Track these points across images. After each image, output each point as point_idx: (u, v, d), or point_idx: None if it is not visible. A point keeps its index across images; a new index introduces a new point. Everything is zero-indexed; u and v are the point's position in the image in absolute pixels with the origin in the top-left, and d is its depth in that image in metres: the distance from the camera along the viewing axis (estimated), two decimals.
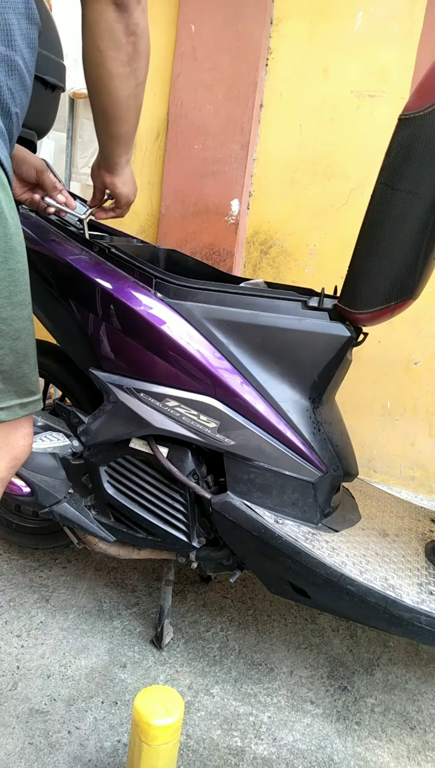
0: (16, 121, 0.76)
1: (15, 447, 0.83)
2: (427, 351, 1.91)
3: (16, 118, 0.75)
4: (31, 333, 0.80)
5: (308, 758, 1.11)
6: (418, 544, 1.22)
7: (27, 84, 0.76)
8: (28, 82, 0.76)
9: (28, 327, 0.78)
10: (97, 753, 1.07)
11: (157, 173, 2.13)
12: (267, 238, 2.03)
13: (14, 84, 0.73)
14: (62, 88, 1.24)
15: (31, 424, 0.86)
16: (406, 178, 0.94)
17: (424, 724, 1.22)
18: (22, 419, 0.83)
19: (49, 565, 1.58)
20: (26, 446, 0.85)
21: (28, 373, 0.80)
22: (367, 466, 2.07)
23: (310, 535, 1.13)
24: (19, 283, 0.75)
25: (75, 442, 1.25)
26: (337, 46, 1.82)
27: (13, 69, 0.72)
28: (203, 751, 1.10)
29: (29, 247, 1.19)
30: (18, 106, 0.75)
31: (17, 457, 0.85)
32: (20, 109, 0.76)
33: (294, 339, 1.10)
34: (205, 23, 1.90)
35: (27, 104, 0.79)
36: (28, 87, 0.77)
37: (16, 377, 0.78)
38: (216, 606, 1.50)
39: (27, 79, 0.75)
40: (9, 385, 0.78)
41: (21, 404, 0.80)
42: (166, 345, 1.10)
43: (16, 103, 0.74)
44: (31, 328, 0.79)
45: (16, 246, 0.73)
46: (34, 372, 0.82)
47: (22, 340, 0.77)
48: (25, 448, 0.85)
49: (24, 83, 0.75)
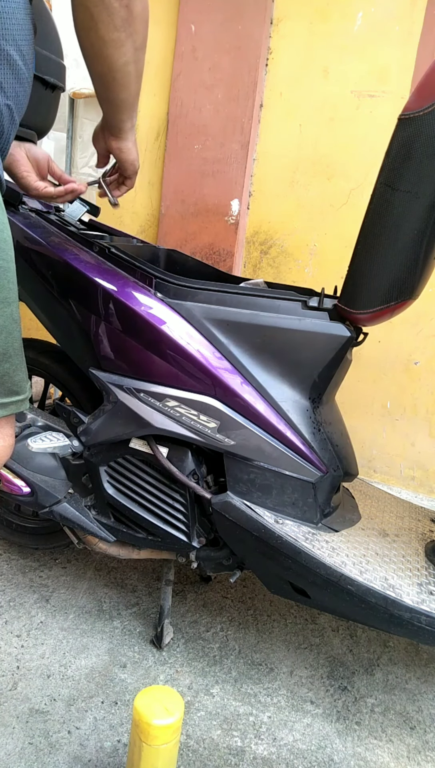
0: (8, 113, 0.73)
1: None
2: (427, 351, 1.91)
3: (7, 110, 0.73)
4: (13, 332, 0.77)
5: (308, 758, 1.11)
6: (418, 544, 1.22)
7: (23, 76, 0.73)
8: (25, 74, 0.74)
9: (10, 326, 0.76)
10: (97, 753, 1.07)
11: (157, 173, 2.13)
12: (267, 238, 2.03)
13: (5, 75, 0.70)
14: (62, 88, 1.24)
15: (12, 425, 0.84)
16: (405, 178, 0.94)
17: (424, 724, 1.22)
18: (2, 419, 0.80)
19: (49, 565, 1.58)
20: (6, 447, 0.83)
21: (10, 372, 0.77)
22: (367, 466, 2.07)
23: (310, 535, 1.13)
24: (2, 281, 0.73)
25: (75, 442, 1.24)
26: (337, 46, 1.82)
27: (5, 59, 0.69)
28: (203, 751, 1.10)
29: (29, 247, 1.19)
30: (11, 99, 0.72)
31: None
32: (14, 102, 0.74)
33: (294, 339, 1.10)
34: (205, 23, 1.90)
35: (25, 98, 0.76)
36: (24, 80, 0.74)
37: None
38: (216, 606, 1.50)
39: (23, 72, 0.73)
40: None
41: (1, 404, 0.78)
42: (166, 345, 1.10)
43: (8, 95, 0.72)
44: (13, 327, 0.77)
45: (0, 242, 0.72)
46: (19, 371, 0.79)
47: (3, 338, 0.75)
48: (5, 449, 0.82)
49: (18, 75, 0.72)
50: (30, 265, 1.20)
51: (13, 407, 0.80)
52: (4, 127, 0.74)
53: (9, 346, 0.76)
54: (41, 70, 1.14)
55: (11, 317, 0.76)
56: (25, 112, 0.80)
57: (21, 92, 0.75)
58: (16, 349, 0.78)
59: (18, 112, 0.76)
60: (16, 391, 0.80)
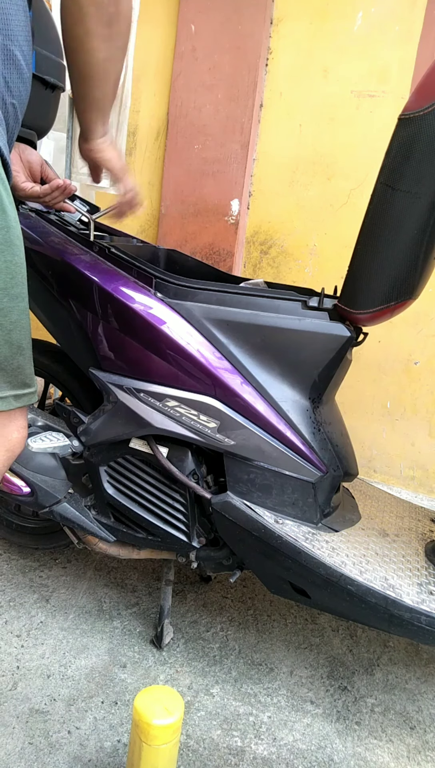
0: (13, 112, 0.76)
1: (9, 439, 0.84)
2: (427, 351, 1.91)
3: (12, 108, 0.75)
4: (26, 326, 0.80)
5: (308, 758, 1.11)
6: (418, 544, 1.22)
7: (25, 76, 0.75)
8: (27, 74, 0.76)
9: (24, 320, 0.79)
10: (97, 753, 1.07)
11: (157, 173, 2.13)
12: (267, 238, 2.03)
13: (11, 74, 0.72)
14: (62, 88, 1.24)
15: (25, 417, 0.86)
16: (406, 178, 0.94)
17: (424, 724, 1.22)
18: (16, 411, 0.83)
19: (49, 565, 1.58)
20: (20, 439, 0.85)
21: (23, 365, 0.81)
22: (367, 466, 2.07)
23: (310, 535, 1.13)
24: (16, 276, 0.75)
25: (75, 442, 1.25)
26: (337, 46, 1.82)
27: (10, 59, 0.72)
28: (203, 751, 1.10)
29: (29, 247, 1.19)
30: (15, 98, 0.74)
31: (11, 450, 0.85)
32: (18, 101, 0.76)
33: (294, 339, 1.10)
34: (205, 23, 1.90)
35: (26, 98, 0.78)
36: (26, 79, 0.76)
37: (11, 369, 0.79)
38: (216, 606, 1.50)
39: (25, 72, 0.75)
40: (4, 376, 0.78)
41: (15, 396, 0.81)
42: (166, 345, 1.10)
43: (13, 94, 0.74)
44: (26, 321, 0.80)
45: (13, 239, 0.74)
46: (29, 365, 0.83)
47: (18, 332, 0.78)
48: (19, 441, 0.85)
49: (22, 75, 0.74)
50: (30, 265, 1.20)
51: (25, 399, 0.83)
52: (9, 125, 0.76)
53: (23, 339, 0.79)
54: (41, 70, 1.14)
55: (24, 312, 0.79)
56: (26, 112, 0.81)
57: (24, 92, 0.77)
58: (29, 343, 0.81)
59: (21, 111, 0.78)
60: (28, 384, 0.83)
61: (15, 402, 0.81)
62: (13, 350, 0.78)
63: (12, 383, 0.80)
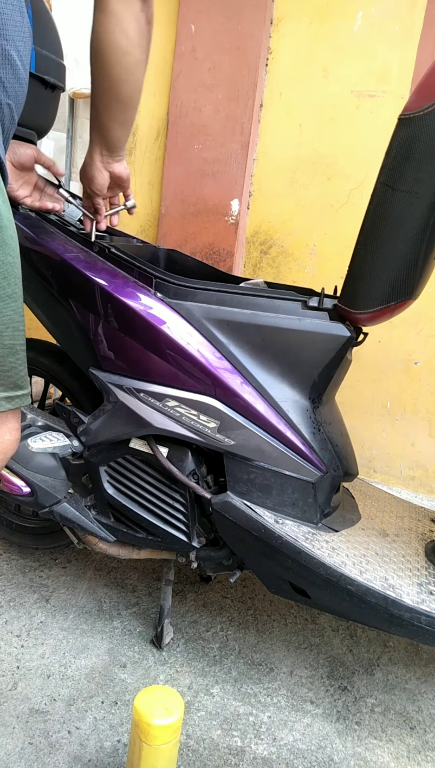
0: (9, 112, 0.76)
1: (1, 441, 0.83)
2: (427, 351, 1.91)
3: (8, 109, 0.75)
4: (19, 327, 0.79)
5: (308, 758, 1.11)
6: (418, 544, 1.22)
7: (21, 77, 0.76)
8: (23, 74, 0.76)
9: (16, 321, 0.78)
10: (97, 753, 1.07)
11: (157, 173, 2.13)
12: (267, 238, 2.03)
13: (6, 74, 0.73)
14: (62, 88, 1.24)
15: (18, 419, 0.86)
16: (405, 178, 0.94)
17: (424, 724, 1.22)
18: (8, 413, 0.83)
19: (49, 565, 1.58)
20: (13, 441, 0.85)
21: (16, 367, 0.80)
22: (367, 466, 2.07)
23: (310, 535, 1.13)
24: (9, 276, 0.75)
25: (75, 442, 1.25)
26: (337, 46, 1.82)
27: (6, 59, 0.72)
28: (203, 751, 1.10)
29: (29, 247, 1.19)
30: (11, 98, 0.75)
31: (4, 452, 0.84)
32: (14, 102, 0.76)
33: (294, 339, 1.10)
34: (205, 23, 1.90)
35: (23, 98, 0.78)
36: (22, 80, 0.76)
37: (3, 370, 0.78)
38: (216, 606, 1.50)
39: (21, 72, 0.75)
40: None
41: (7, 398, 0.80)
42: (166, 345, 1.10)
43: (9, 94, 0.74)
44: (19, 322, 0.79)
45: (6, 239, 0.73)
46: (23, 366, 0.82)
47: (10, 333, 0.77)
48: (12, 443, 0.85)
49: (18, 75, 0.74)
50: (30, 265, 1.20)
51: (18, 401, 0.82)
52: (5, 126, 0.76)
53: (16, 340, 0.79)
54: (41, 70, 1.14)
55: (18, 312, 0.78)
56: (26, 112, 0.81)
57: (20, 92, 0.77)
58: (22, 344, 0.81)
59: (17, 111, 0.78)
60: (21, 386, 0.82)
61: (7, 404, 0.80)
62: (5, 351, 0.77)
63: (4, 385, 0.79)
